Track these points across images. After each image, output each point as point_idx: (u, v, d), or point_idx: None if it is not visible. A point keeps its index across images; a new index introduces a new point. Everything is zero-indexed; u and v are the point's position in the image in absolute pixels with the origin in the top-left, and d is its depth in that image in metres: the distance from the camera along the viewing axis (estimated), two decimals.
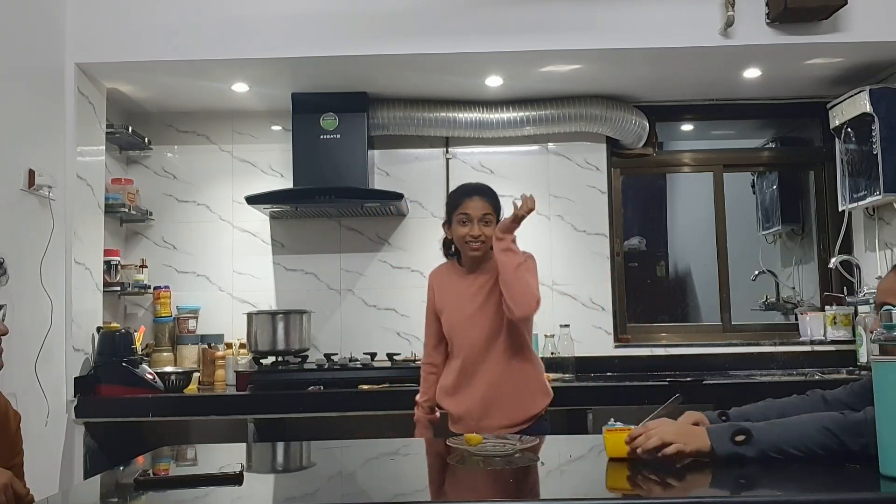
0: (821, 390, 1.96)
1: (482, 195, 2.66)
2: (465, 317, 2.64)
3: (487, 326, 2.59)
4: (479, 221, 2.61)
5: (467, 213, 2.61)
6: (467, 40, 3.33)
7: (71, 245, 3.28)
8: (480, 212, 2.61)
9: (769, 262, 4.53)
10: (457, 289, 2.70)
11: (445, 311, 2.70)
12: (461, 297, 2.67)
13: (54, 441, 3.16)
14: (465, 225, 2.61)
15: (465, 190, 2.70)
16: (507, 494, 1.63)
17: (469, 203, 2.63)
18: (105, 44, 3.34)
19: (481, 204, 2.63)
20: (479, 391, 2.58)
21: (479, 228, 2.60)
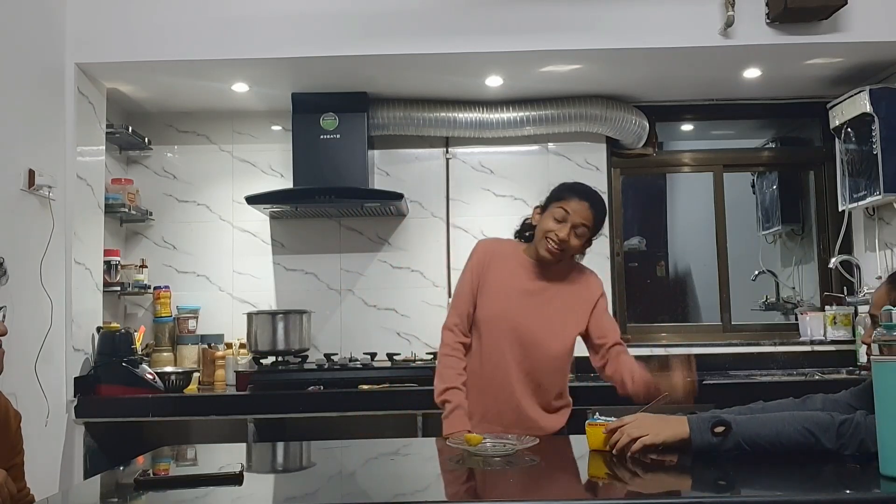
0: (823, 395, 1.97)
1: (593, 204, 2.35)
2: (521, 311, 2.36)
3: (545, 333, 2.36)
4: (573, 228, 2.32)
5: (566, 211, 2.32)
6: (467, 40, 3.33)
7: (71, 245, 3.28)
8: (580, 218, 2.32)
9: (769, 262, 4.53)
10: (516, 274, 2.41)
11: (491, 292, 2.39)
12: (519, 286, 2.39)
13: (54, 441, 3.16)
14: (557, 221, 2.32)
15: (578, 189, 2.38)
16: (507, 494, 1.63)
17: (574, 202, 2.33)
18: (105, 44, 3.34)
19: (586, 212, 2.32)
20: (510, 402, 2.36)
21: (568, 233, 2.32)
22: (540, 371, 2.40)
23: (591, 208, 2.34)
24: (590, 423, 1.89)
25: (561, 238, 2.31)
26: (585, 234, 2.35)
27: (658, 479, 1.75)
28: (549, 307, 2.40)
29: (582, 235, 2.34)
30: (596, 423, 1.87)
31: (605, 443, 1.84)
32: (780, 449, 1.71)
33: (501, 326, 2.38)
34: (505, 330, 2.37)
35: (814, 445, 1.70)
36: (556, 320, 2.40)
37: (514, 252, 2.46)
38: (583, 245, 2.38)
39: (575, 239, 2.33)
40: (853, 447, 1.67)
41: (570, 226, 2.32)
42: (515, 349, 2.37)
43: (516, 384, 2.38)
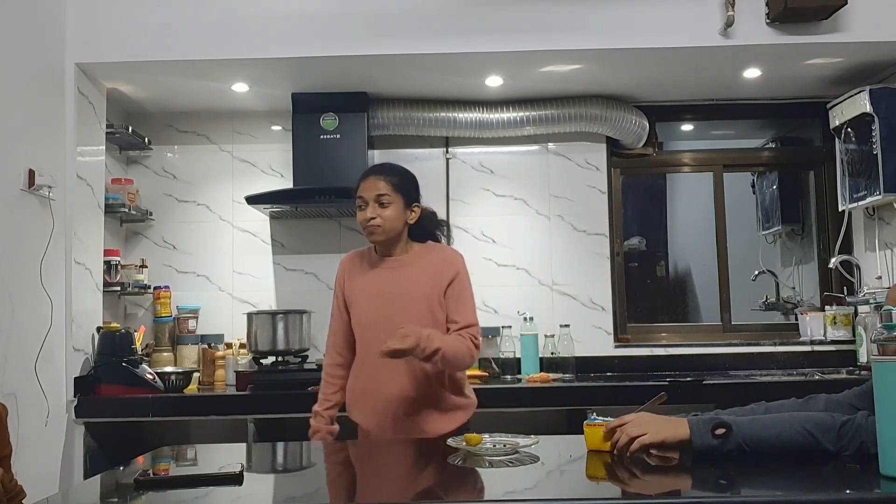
0: (826, 395, 1.97)
1: (378, 174, 2.43)
2: (378, 312, 2.40)
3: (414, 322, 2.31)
4: (374, 202, 2.38)
5: (361, 196, 2.41)
6: (467, 40, 3.33)
7: (71, 245, 3.28)
8: (374, 192, 2.38)
9: (769, 262, 4.53)
10: (368, 277, 2.46)
11: (355, 303, 2.45)
12: (373, 289, 2.44)
13: (54, 441, 3.16)
14: (361, 210, 2.40)
15: (365, 171, 2.49)
16: (507, 494, 1.63)
17: (363, 185, 2.42)
18: (105, 44, 3.34)
19: (375, 184, 2.40)
20: (390, 403, 2.36)
21: (373, 210, 2.38)
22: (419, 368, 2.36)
23: (378, 176, 2.41)
24: (588, 424, 1.89)
25: (368, 217, 2.38)
26: (391, 199, 2.39)
27: (658, 479, 1.75)
28: (409, 293, 2.40)
29: (389, 203, 2.38)
30: (594, 424, 1.87)
31: (605, 441, 1.84)
32: (781, 450, 1.71)
33: (371, 330, 2.40)
34: (375, 332, 2.36)
35: (814, 447, 1.70)
36: (418, 307, 2.38)
37: (362, 258, 2.53)
38: (404, 210, 2.42)
39: (382, 209, 2.38)
40: (853, 448, 1.67)
41: (370, 203, 2.38)
42: (374, 349, 2.32)
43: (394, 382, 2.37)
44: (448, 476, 1.80)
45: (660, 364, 3.93)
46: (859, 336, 3.73)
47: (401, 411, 2.37)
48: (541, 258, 4.04)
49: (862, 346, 3.70)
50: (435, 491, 1.74)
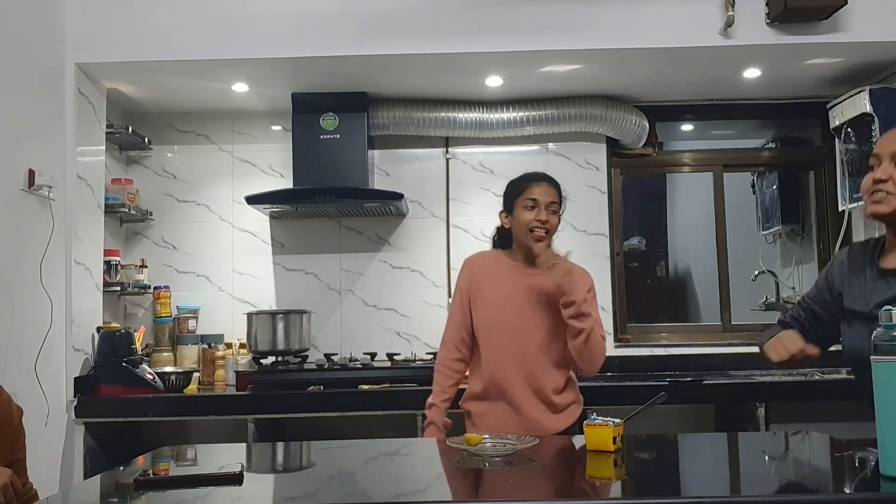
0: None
1: (550, 182, 2.51)
2: (516, 315, 2.44)
3: (542, 332, 2.43)
4: (547, 209, 2.45)
5: (535, 199, 2.45)
6: (467, 40, 3.33)
7: (71, 245, 3.28)
8: (548, 198, 2.46)
9: (769, 262, 4.53)
10: (505, 280, 2.49)
11: (485, 303, 2.48)
12: (511, 292, 2.47)
13: (54, 441, 3.16)
14: (531, 210, 2.44)
15: (532, 175, 2.53)
16: (507, 494, 1.63)
17: (536, 188, 2.47)
18: (105, 44, 3.34)
19: (550, 190, 2.47)
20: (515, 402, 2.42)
21: (546, 214, 2.44)
22: (539, 371, 2.43)
23: (551, 185, 2.50)
24: (588, 424, 1.89)
25: (543, 220, 2.44)
26: (557, 209, 2.49)
27: (658, 479, 1.75)
28: (540, 306, 2.45)
29: (555, 212, 2.49)
30: (595, 424, 1.87)
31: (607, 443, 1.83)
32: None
33: (497, 332, 2.46)
34: (501, 335, 2.45)
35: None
36: (548, 317, 2.44)
37: (497, 260, 2.56)
38: (559, 221, 2.52)
39: (552, 216, 2.47)
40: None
41: (544, 207, 2.45)
42: (513, 353, 2.43)
43: (516, 388, 2.43)
44: (448, 476, 1.80)
45: (660, 364, 3.93)
46: None
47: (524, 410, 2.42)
48: None
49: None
50: (435, 491, 1.74)
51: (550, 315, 2.44)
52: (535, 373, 2.43)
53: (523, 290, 2.47)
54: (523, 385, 2.43)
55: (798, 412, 3.32)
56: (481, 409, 2.50)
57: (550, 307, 2.43)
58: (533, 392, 2.44)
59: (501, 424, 2.40)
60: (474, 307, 2.51)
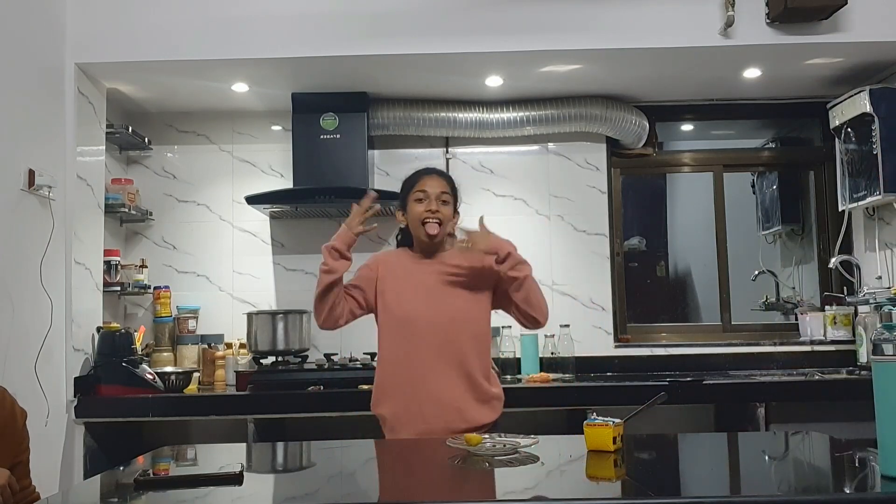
0: None
1: (440, 175, 2.57)
2: (436, 302, 2.45)
3: (463, 315, 2.45)
4: (437, 199, 2.48)
5: (424, 190, 2.49)
6: (467, 40, 3.33)
7: (71, 245, 3.28)
8: (438, 189, 2.49)
9: (769, 262, 4.53)
10: (411, 274, 2.51)
11: (393, 297, 2.48)
12: (417, 284, 2.48)
13: (54, 441, 3.16)
14: (421, 202, 2.48)
15: (422, 170, 2.59)
16: (507, 494, 1.63)
17: (427, 180, 2.52)
18: (105, 44, 3.34)
19: (439, 182, 2.52)
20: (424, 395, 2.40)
21: (436, 205, 2.47)
22: (466, 354, 2.43)
23: (441, 177, 2.55)
24: (588, 424, 1.89)
25: (433, 209, 2.46)
26: (449, 199, 2.51)
27: (658, 479, 1.75)
28: (454, 289, 2.47)
29: (448, 202, 2.50)
30: (594, 424, 1.87)
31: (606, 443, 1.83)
32: None
33: (419, 324, 2.43)
34: (424, 325, 2.43)
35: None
36: (467, 297, 2.47)
37: (401, 256, 2.58)
38: (452, 212, 2.53)
39: (444, 206, 2.48)
40: None
41: (434, 198, 2.47)
42: (435, 340, 2.41)
43: (440, 376, 2.40)
44: (448, 476, 1.80)
45: (660, 364, 3.93)
46: (859, 336, 3.73)
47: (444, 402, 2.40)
48: (541, 258, 4.03)
49: (862, 346, 3.70)
50: (435, 491, 1.74)
51: (466, 295, 2.47)
52: (464, 357, 2.42)
53: (433, 277, 2.49)
54: (449, 373, 2.41)
55: (798, 412, 3.32)
56: (396, 409, 2.44)
57: (465, 287, 2.47)
58: (461, 379, 2.41)
59: (420, 420, 2.38)
60: (382, 302, 2.49)
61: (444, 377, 2.41)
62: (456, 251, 2.47)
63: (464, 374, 2.42)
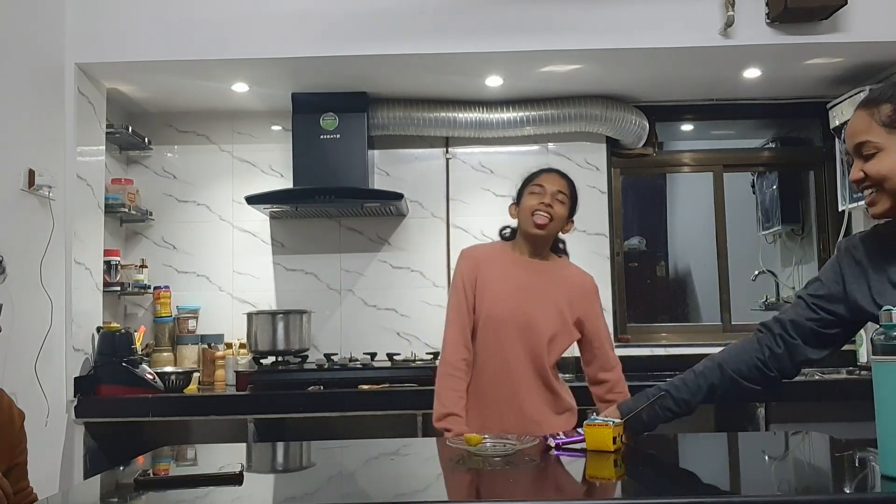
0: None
1: (561, 175, 2.48)
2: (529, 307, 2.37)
3: (551, 327, 2.38)
4: (553, 196, 2.40)
5: (542, 185, 2.42)
6: (467, 40, 3.33)
7: (71, 245, 3.28)
8: (556, 187, 2.42)
9: (769, 262, 4.53)
10: (512, 272, 2.42)
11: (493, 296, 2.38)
12: (520, 284, 2.40)
13: (54, 441, 3.16)
14: (536, 195, 2.40)
15: (545, 168, 2.53)
16: (507, 494, 1.63)
17: (546, 176, 2.45)
18: (105, 44, 3.34)
19: (558, 181, 2.44)
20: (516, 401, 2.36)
21: (550, 199, 2.39)
22: (544, 364, 2.40)
23: (562, 177, 2.46)
24: (588, 424, 1.89)
25: (545, 203, 2.38)
26: (565, 200, 2.42)
27: (658, 479, 1.75)
28: (547, 298, 2.42)
29: (563, 202, 2.42)
30: (595, 424, 1.87)
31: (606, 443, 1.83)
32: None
33: (504, 325, 2.37)
34: (508, 328, 2.37)
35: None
36: (554, 310, 2.41)
37: (500, 252, 2.49)
38: (567, 213, 2.45)
39: (558, 204, 2.40)
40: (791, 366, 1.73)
41: (550, 194, 2.40)
42: (520, 345, 2.37)
43: (521, 383, 2.38)
44: (448, 476, 1.80)
45: (660, 364, 3.93)
46: (859, 336, 3.73)
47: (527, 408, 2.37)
48: None
49: (862, 346, 3.70)
50: (435, 491, 1.74)
51: (558, 310, 2.41)
52: (544, 367, 2.39)
53: (532, 282, 2.42)
54: (531, 381, 2.38)
55: (798, 412, 3.32)
56: (477, 409, 2.38)
57: (558, 303, 2.41)
58: (540, 387, 2.39)
59: (497, 425, 2.33)
60: (480, 301, 2.40)
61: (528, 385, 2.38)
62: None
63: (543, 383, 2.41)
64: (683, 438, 2.44)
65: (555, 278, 2.46)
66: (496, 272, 2.43)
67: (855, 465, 1.65)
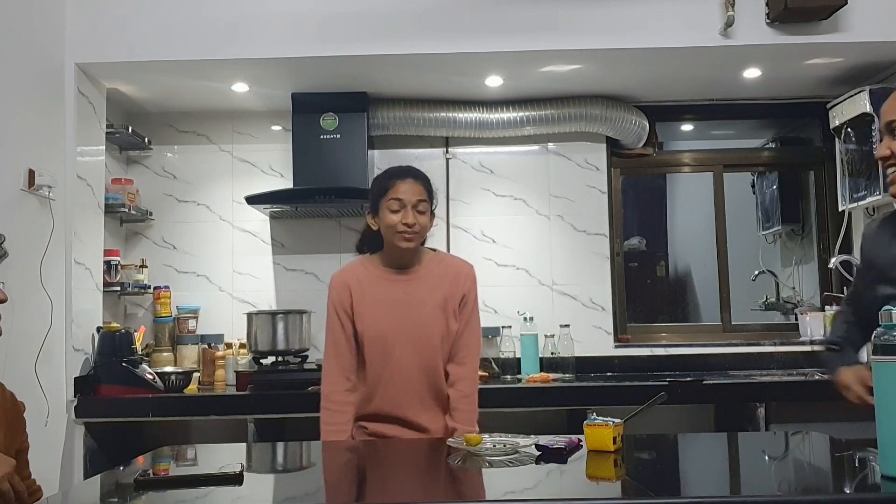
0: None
1: (415, 178, 2.31)
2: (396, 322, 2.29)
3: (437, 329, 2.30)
4: (414, 209, 2.26)
5: (399, 198, 2.26)
6: (467, 40, 3.33)
7: (71, 245, 3.28)
8: (415, 196, 2.27)
9: (769, 262, 4.53)
10: (387, 291, 2.32)
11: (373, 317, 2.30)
12: (395, 304, 2.30)
13: (54, 441, 3.16)
14: (396, 212, 2.26)
15: (396, 172, 2.34)
16: (507, 494, 1.63)
17: (401, 185, 2.28)
18: (105, 44, 3.34)
19: (415, 187, 2.29)
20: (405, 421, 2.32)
21: (413, 216, 2.26)
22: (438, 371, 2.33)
23: (417, 180, 2.31)
24: (588, 424, 1.89)
25: (409, 223, 2.26)
26: (426, 207, 2.31)
27: (658, 479, 1.75)
28: (427, 303, 2.32)
29: (424, 210, 2.30)
30: (594, 424, 1.87)
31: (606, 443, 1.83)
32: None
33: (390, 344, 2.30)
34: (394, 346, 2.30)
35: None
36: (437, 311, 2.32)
37: (369, 270, 2.37)
38: (430, 219, 2.34)
39: (421, 217, 2.28)
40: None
41: (410, 208, 2.27)
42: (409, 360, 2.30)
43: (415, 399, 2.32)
44: (448, 476, 1.80)
45: (660, 364, 3.93)
46: None
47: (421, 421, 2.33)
48: (541, 258, 4.04)
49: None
50: (435, 491, 1.74)
51: (440, 308, 2.31)
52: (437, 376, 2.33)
53: (409, 293, 2.33)
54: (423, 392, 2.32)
55: (798, 412, 3.32)
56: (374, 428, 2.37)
57: (438, 302, 2.32)
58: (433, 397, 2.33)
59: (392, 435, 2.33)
60: (360, 324, 2.31)
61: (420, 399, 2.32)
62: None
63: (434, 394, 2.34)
64: (683, 438, 2.44)
65: (430, 280, 2.35)
66: (370, 294, 2.33)
67: (855, 465, 1.65)
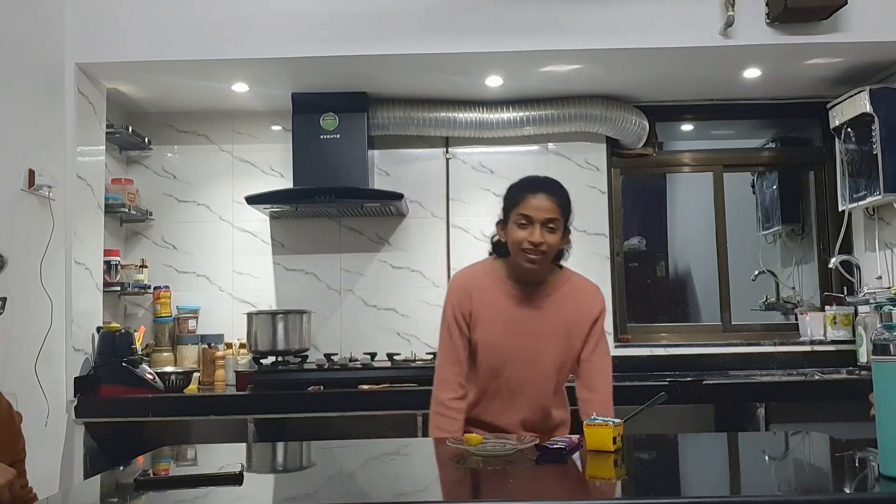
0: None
1: (549, 193, 2.16)
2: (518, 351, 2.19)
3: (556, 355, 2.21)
4: (543, 227, 2.12)
5: (528, 215, 2.12)
6: (467, 40, 3.33)
7: (71, 245, 3.28)
8: (545, 214, 2.12)
9: (769, 262, 4.53)
10: (507, 309, 2.20)
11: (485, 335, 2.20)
12: (513, 322, 2.20)
13: (54, 441, 3.16)
14: (524, 227, 2.13)
15: (529, 184, 2.19)
16: (507, 494, 1.63)
17: (532, 201, 2.13)
18: (105, 44, 3.34)
19: (547, 204, 2.13)
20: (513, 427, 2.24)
21: (540, 234, 2.12)
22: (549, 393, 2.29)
23: (550, 196, 2.16)
24: (588, 424, 1.89)
25: (535, 242, 2.12)
26: (558, 225, 2.16)
27: (658, 479, 1.75)
28: (549, 326, 2.23)
29: (555, 229, 2.15)
30: (595, 424, 1.87)
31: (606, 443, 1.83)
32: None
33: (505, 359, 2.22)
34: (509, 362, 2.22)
35: None
36: (560, 337, 2.23)
37: (492, 279, 2.26)
38: (562, 238, 2.21)
39: (550, 236, 2.14)
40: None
41: (538, 226, 2.14)
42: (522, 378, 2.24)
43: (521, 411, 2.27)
44: (448, 476, 1.80)
45: (660, 364, 3.93)
46: (859, 336, 3.73)
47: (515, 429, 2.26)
48: None
49: (862, 346, 3.70)
50: (435, 491, 1.74)
51: (563, 335, 2.22)
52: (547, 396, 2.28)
53: (531, 312, 2.22)
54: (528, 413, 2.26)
55: (798, 412, 3.32)
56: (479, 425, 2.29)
57: (561, 327, 2.22)
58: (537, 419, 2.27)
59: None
60: (476, 334, 2.21)
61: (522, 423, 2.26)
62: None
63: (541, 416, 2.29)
64: (683, 438, 2.45)
65: (555, 302, 2.25)
66: (490, 305, 2.22)
67: (855, 465, 1.65)
